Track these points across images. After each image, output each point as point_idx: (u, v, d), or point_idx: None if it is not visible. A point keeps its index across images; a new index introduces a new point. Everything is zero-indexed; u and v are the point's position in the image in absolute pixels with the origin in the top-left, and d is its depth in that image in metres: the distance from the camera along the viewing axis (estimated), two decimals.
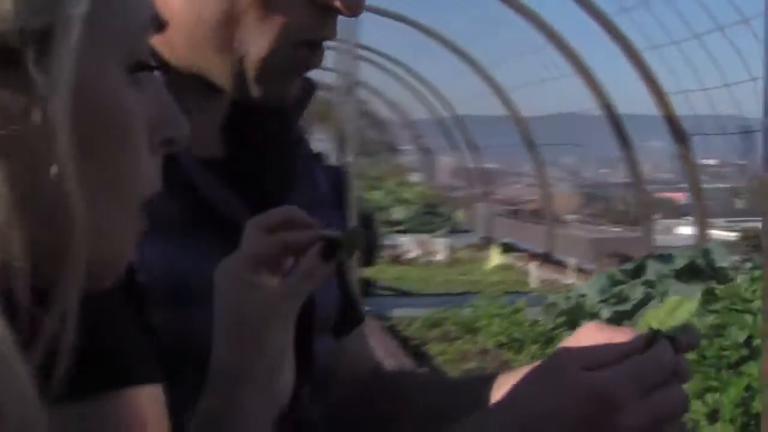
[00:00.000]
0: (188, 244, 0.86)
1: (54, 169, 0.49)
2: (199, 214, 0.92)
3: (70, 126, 0.49)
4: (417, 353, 6.48)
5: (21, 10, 0.48)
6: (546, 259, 8.82)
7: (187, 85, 0.93)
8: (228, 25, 0.91)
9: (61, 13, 0.49)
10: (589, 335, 0.83)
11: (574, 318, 6.02)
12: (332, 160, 5.81)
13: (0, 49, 0.47)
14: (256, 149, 1.03)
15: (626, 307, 5.98)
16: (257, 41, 0.91)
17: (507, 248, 9.79)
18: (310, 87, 1.06)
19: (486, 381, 1.00)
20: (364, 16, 8.67)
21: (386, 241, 9.20)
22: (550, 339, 5.93)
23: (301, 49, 0.93)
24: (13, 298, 0.47)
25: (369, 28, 10.34)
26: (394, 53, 11.79)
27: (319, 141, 10.09)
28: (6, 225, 0.47)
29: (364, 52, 11.32)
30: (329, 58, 9.47)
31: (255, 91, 0.94)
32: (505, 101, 9.85)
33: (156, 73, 0.59)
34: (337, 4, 0.90)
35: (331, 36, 0.95)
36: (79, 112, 0.50)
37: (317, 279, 0.79)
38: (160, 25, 0.58)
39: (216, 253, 0.82)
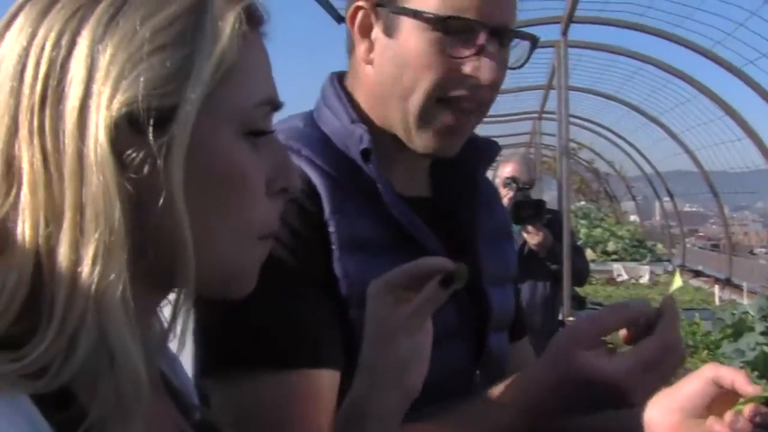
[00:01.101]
0: (384, 262, 0.85)
1: (163, 206, 0.51)
2: (396, 240, 0.94)
3: (181, 176, 0.51)
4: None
5: (151, 95, 0.50)
6: (727, 283, 9.17)
7: (390, 138, 0.97)
8: (400, 83, 0.93)
9: (184, 96, 0.51)
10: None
11: (736, 330, 6.51)
12: (554, 205, 5.75)
13: (127, 118, 0.50)
14: (450, 192, 1.06)
15: None
16: (416, 96, 0.93)
17: (697, 274, 10.11)
18: (495, 147, 1.09)
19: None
20: (591, 96, 10.01)
21: (600, 267, 9.62)
22: (717, 346, 5.78)
23: (446, 107, 0.94)
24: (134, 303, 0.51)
25: (592, 104, 11.09)
26: (610, 124, 12.29)
27: (550, 190, 10.55)
28: (118, 243, 0.49)
29: (589, 124, 11.95)
30: (551, 126, 9.92)
31: (417, 142, 0.95)
32: (694, 159, 10.25)
33: (274, 136, 0.60)
34: (473, 72, 0.92)
35: (473, 102, 0.94)
36: (194, 167, 0.52)
37: (436, 303, 0.80)
38: (275, 105, 0.59)
39: None
